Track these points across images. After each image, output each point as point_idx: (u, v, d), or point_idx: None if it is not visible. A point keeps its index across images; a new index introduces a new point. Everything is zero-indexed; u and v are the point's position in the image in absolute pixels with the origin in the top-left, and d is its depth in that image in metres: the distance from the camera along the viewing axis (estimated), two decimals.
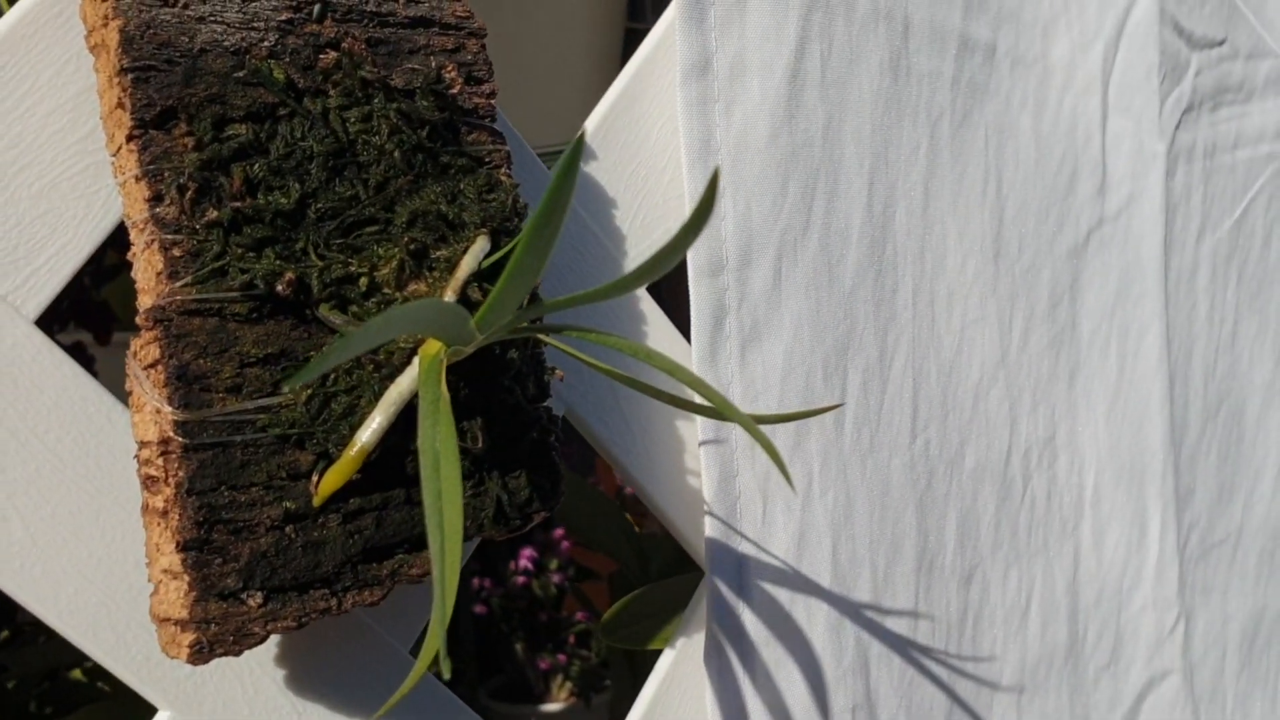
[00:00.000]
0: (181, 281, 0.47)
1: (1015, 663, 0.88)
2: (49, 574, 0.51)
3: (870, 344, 0.78)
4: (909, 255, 0.81)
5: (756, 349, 0.72)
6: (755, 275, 0.72)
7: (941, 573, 0.83)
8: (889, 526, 0.79)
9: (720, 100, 0.70)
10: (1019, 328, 0.88)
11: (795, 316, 0.74)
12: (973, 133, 0.85)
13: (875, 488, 0.78)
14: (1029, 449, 0.90)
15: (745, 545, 0.71)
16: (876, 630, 0.78)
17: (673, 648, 0.72)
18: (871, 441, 0.78)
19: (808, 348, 0.74)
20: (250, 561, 0.47)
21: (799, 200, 0.74)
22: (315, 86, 0.51)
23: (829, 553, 0.76)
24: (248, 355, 0.48)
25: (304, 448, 0.49)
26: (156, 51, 0.48)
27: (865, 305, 0.78)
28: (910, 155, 0.81)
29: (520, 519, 0.54)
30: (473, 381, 0.52)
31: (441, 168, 0.53)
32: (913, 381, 0.81)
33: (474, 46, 0.56)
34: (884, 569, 0.79)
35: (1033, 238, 0.89)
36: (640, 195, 0.70)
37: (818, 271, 0.75)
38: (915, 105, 0.81)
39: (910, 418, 0.81)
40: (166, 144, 0.48)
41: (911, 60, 0.81)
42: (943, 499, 0.83)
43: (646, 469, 0.70)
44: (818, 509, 0.75)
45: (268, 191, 0.49)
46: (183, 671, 0.54)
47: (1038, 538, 0.90)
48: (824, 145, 0.75)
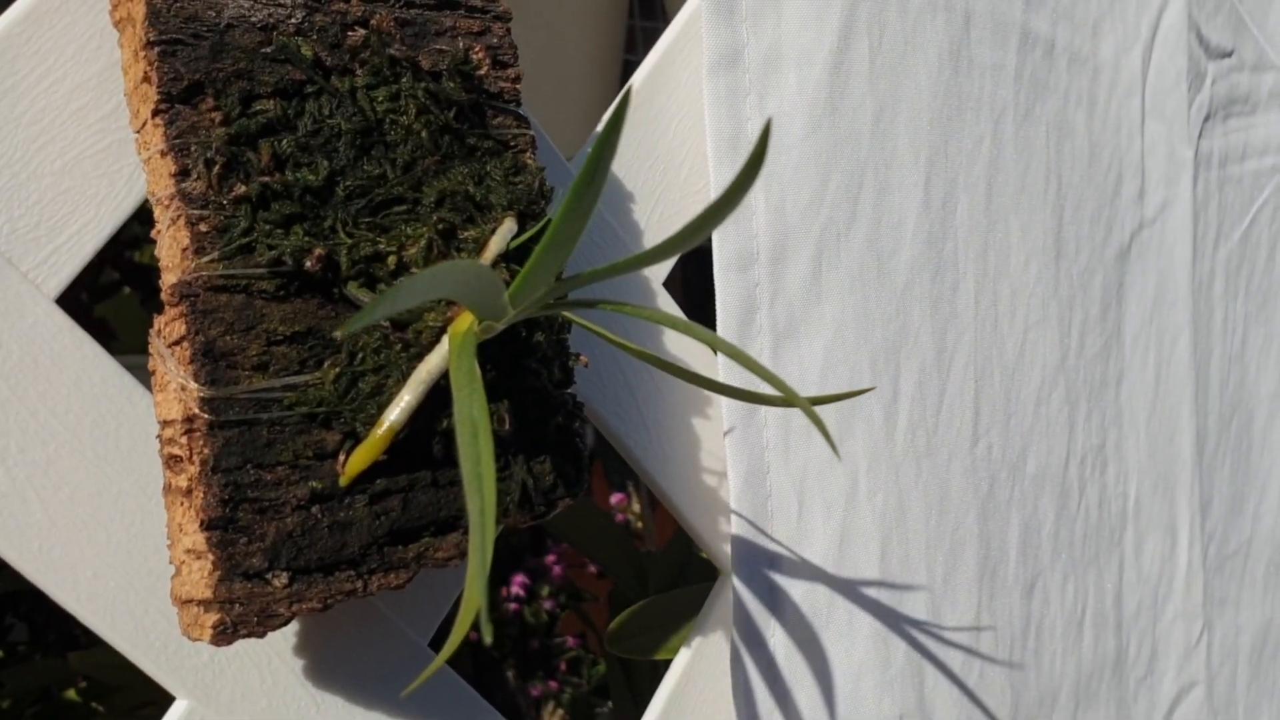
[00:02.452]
0: (208, 257, 0.47)
1: (1073, 675, 0.87)
2: (68, 557, 0.50)
3: (927, 343, 0.77)
4: (971, 252, 0.80)
5: (792, 345, 0.71)
6: (791, 270, 0.71)
7: (1004, 581, 0.82)
8: (948, 532, 0.78)
9: (752, 92, 0.69)
10: (1076, 331, 0.88)
11: (838, 312, 0.73)
12: (1035, 129, 0.84)
13: (932, 491, 0.77)
14: (1084, 456, 0.89)
15: (776, 546, 0.70)
16: (933, 637, 0.77)
17: (689, 647, 0.71)
18: (928, 443, 0.77)
19: (852, 345, 0.73)
20: (276, 541, 0.46)
21: (842, 194, 0.73)
22: (343, 65, 0.50)
23: (877, 556, 0.74)
24: (274, 333, 0.48)
25: (331, 427, 0.48)
26: (183, 26, 0.47)
27: (921, 303, 0.77)
28: (973, 149, 0.80)
29: (545, 505, 0.53)
30: (499, 364, 0.51)
31: (468, 149, 0.53)
32: (974, 383, 0.80)
33: (500, 30, 0.55)
34: (942, 575, 0.77)
35: (1087, 239, 0.89)
36: (658, 190, 0.70)
37: (865, 267, 0.74)
38: (978, 98, 0.80)
39: (972, 420, 0.80)
40: (193, 118, 0.47)
41: (974, 52, 0.80)
42: (1005, 505, 0.82)
43: (663, 467, 0.69)
44: (864, 511, 0.74)
45: (296, 168, 0.48)
46: (201, 659, 0.53)
47: (1090, 547, 0.90)
48: (873, 137, 0.75)
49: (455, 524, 0.51)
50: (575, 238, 0.40)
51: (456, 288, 0.41)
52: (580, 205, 0.37)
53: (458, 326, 0.46)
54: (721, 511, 0.72)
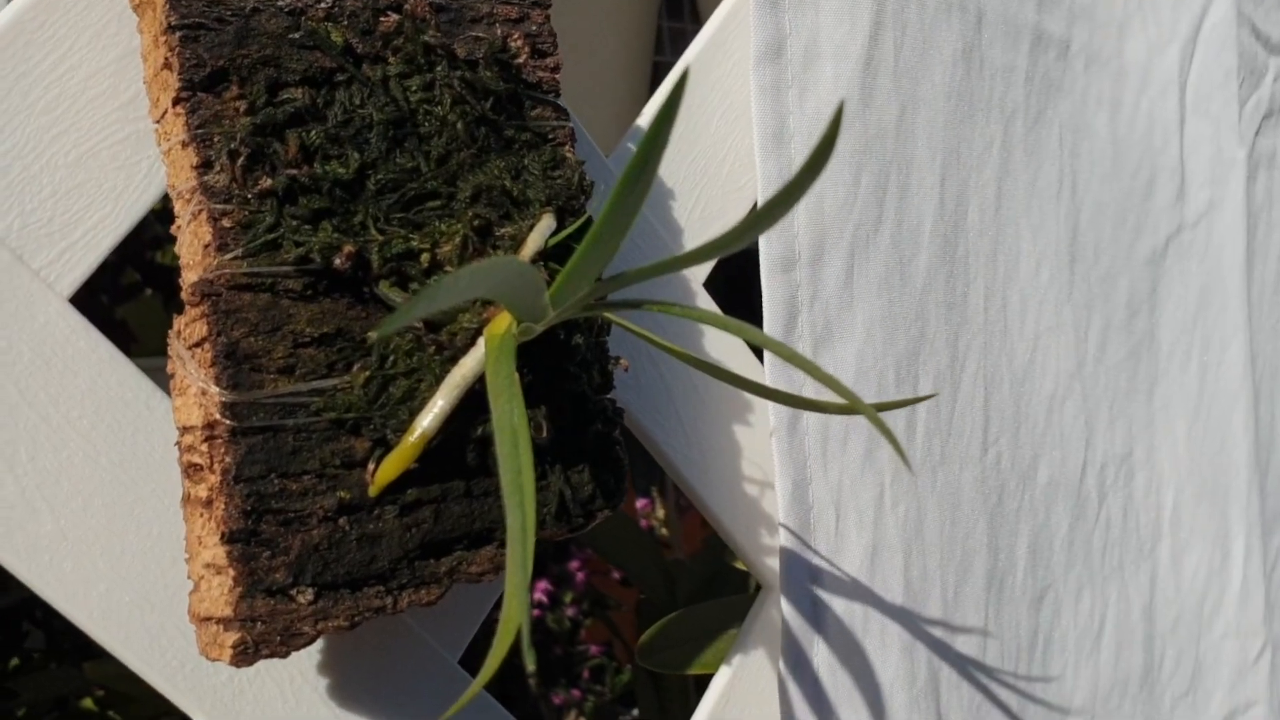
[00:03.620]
0: (231, 254, 0.44)
1: (1087, 688, 0.84)
2: (79, 570, 0.48)
3: (941, 349, 0.74)
4: (981, 257, 0.77)
5: (829, 350, 0.68)
6: (827, 272, 0.68)
7: (1012, 593, 0.79)
8: (959, 543, 0.75)
9: (794, 86, 0.67)
10: (1095, 337, 0.84)
11: (867, 317, 0.70)
12: (1047, 131, 0.81)
13: (946, 501, 0.74)
14: (1105, 465, 0.86)
15: (817, 559, 0.67)
16: (946, 652, 0.74)
17: (729, 665, 0.68)
18: (942, 453, 0.74)
19: (879, 350, 0.71)
20: (301, 555, 0.44)
21: (871, 194, 0.70)
22: (375, 52, 0.48)
23: (900, 569, 0.71)
24: (302, 334, 0.45)
25: (360, 434, 0.45)
26: (206, 9, 0.45)
27: (937, 308, 0.74)
28: (983, 152, 0.77)
29: (583, 516, 0.50)
30: (537, 368, 0.48)
31: (505, 142, 0.50)
32: (984, 390, 0.77)
33: (539, 17, 0.53)
34: (954, 587, 0.75)
35: (1109, 243, 0.85)
36: (699, 187, 0.67)
37: (889, 270, 0.71)
38: (988, 100, 0.77)
39: (982, 429, 0.77)
40: (217, 107, 0.44)
41: (985, 53, 0.77)
42: (1014, 515, 0.79)
43: (703, 476, 0.66)
44: (889, 522, 0.71)
45: (325, 160, 0.46)
46: (220, 679, 0.50)
47: (1113, 558, 0.86)
48: (896, 137, 0.72)
49: (490, 537, 0.48)
50: (620, 235, 0.37)
51: (496, 287, 0.38)
52: (626, 202, 0.35)
53: (495, 328, 0.44)
54: (764, 523, 0.69)
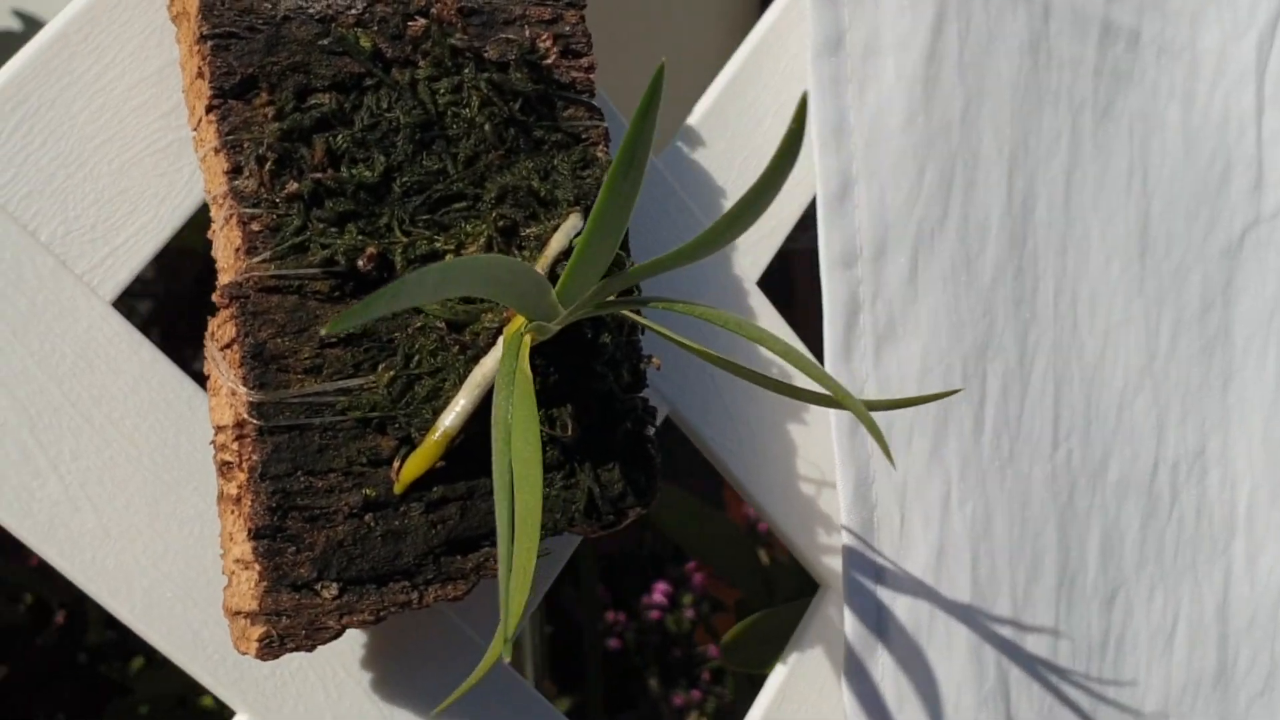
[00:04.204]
0: (260, 257, 0.45)
1: (1159, 689, 0.82)
2: (122, 566, 0.49)
3: (1010, 345, 0.73)
4: (1050, 251, 0.76)
5: (892, 347, 0.67)
6: (891, 268, 0.67)
7: (1083, 592, 0.77)
8: (1029, 542, 0.74)
9: (854, 80, 0.66)
10: (1167, 332, 0.82)
11: (933, 313, 0.69)
12: (1116, 123, 0.80)
13: (1015, 499, 0.73)
14: (1177, 462, 0.84)
15: (881, 560, 0.67)
16: (1016, 653, 0.73)
17: (784, 664, 0.68)
18: (1011, 450, 0.73)
19: (946, 346, 0.70)
20: (326, 551, 0.45)
21: (936, 188, 0.69)
22: (404, 56, 0.48)
23: (968, 568, 0.71)
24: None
25: (385, 432, 0.46)
26: (238, 18, 0.46)
27: (1005, 304, 0.73)
28: (1051, 145, 0.76)
29: (614, 514, 0.51)
30: (563, 367, 0.49)
31: (535, 142, 0.50)
32: (1054, 387, 0.76)
33: (572, 17, 0.53)
34: (1023, 587, 0.74)
35: (1182, 237, 0.83)
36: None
37: (956, 265, 0.71)
38: (1056, 92, 0.76)
39: (1052, 425, 0.76)
40: (246, 114, 0.46)
41: (1052, 44, 0.76)
42: (1085, 513, 0.77)
43: (755, 475, 0.66)
44: (956, 521, 0.70)
45: (351, 164, 0.47)
46: (262, 672, 0.52)
47: (1185, 557, 0.84)
48: (962, 130, 0.71)
49: None
50: (617, 233, 0.37)
51: (481, 284, 0.38)
52: (618, 199, 0.35)
53: (512, 326, 0.44)
54: (820, 522, 0.69)
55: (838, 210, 0.65)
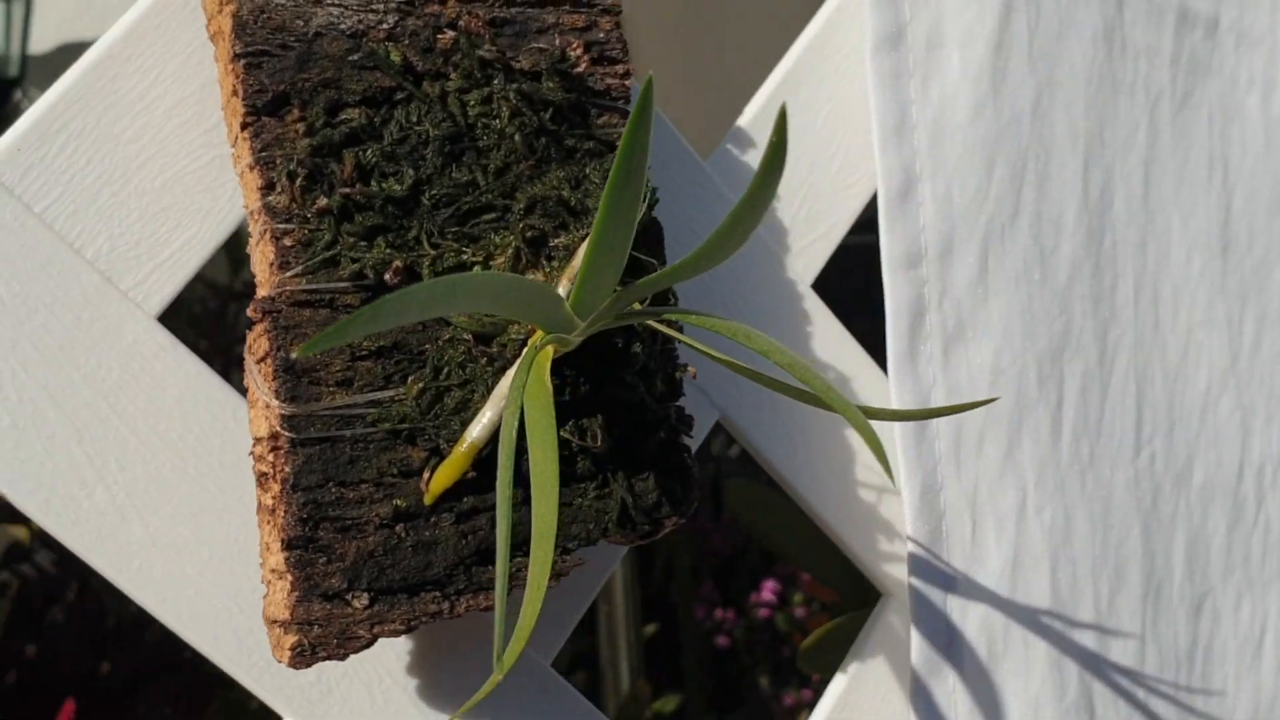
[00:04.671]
0: (292, 271, 0.46)
1: (1249, 700, 0.80)
2: (169, 575, 0.50)
3: (1089, 345, 0.72)
4: (1129, 247, 0.74)
5: (961, 348, 0.66)
6: (959, 267, 0.66)
7: (1169, 600, 0.75)
8: (1112, 549, 0.72)
9: (916, 74, 0.65)
10: (1250, 330, 0.80)
11: (1005, 312, 0.68)
12: (1195, 114, 0.78)
13: (1096, 505, 0.71)
14: (1263, 465, 0.81)
15: (951, 569, 0.65)
16: (1100, 665, 0.71)
17: (844, 673, 0.68)
18: (1091, 454, 0.72)
19: (1019, 347, 0.68)
20: (356, 561, 0.45)
21: (1007, 183, 0.68)
22: (435, 69, 0.49)
23: (1047, 577, 0.69)
24: (359, 348, 0.46)
25: (415, 444, 0.47)
26: (270, 36, 0.47)
27: (1083, 302, 0.71)
28: (1128, 137, 0.74)
29: (649, 524, 0.51)
30: (593, 377, 0.49)
31: (567, 151, 0.50)
32: (1136, 388, 0.74)
33: (607, 24, 0.53)
34: (1107, 596, 0.72)
35: (1264, 230, 0.81)
36: (805, 186, 0.66)
37: (1029, 263, 0.69)
38: (1132, 82, 0.74)
39: (1134, 428, 0.74)
40: (279, 130, 0.46)
41: (1126, 33, 0.74)
42: (1169, 519, 0.75)
43: (810, 481, 0.65)
44: (1034, 528, 0.68)
45: (381, 178, 0.47)
46: (307, 678, 0.53)
47: (1272, 563, 0.82)
48: (1033, 123, 0.69)
49: None
50: (621, 247, 0.37)
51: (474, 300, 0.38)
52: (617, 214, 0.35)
53: (532, 340, 0.44)
54: (880, 529, 0.68)
55: (900, 209, 0.64)
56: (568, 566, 0.49)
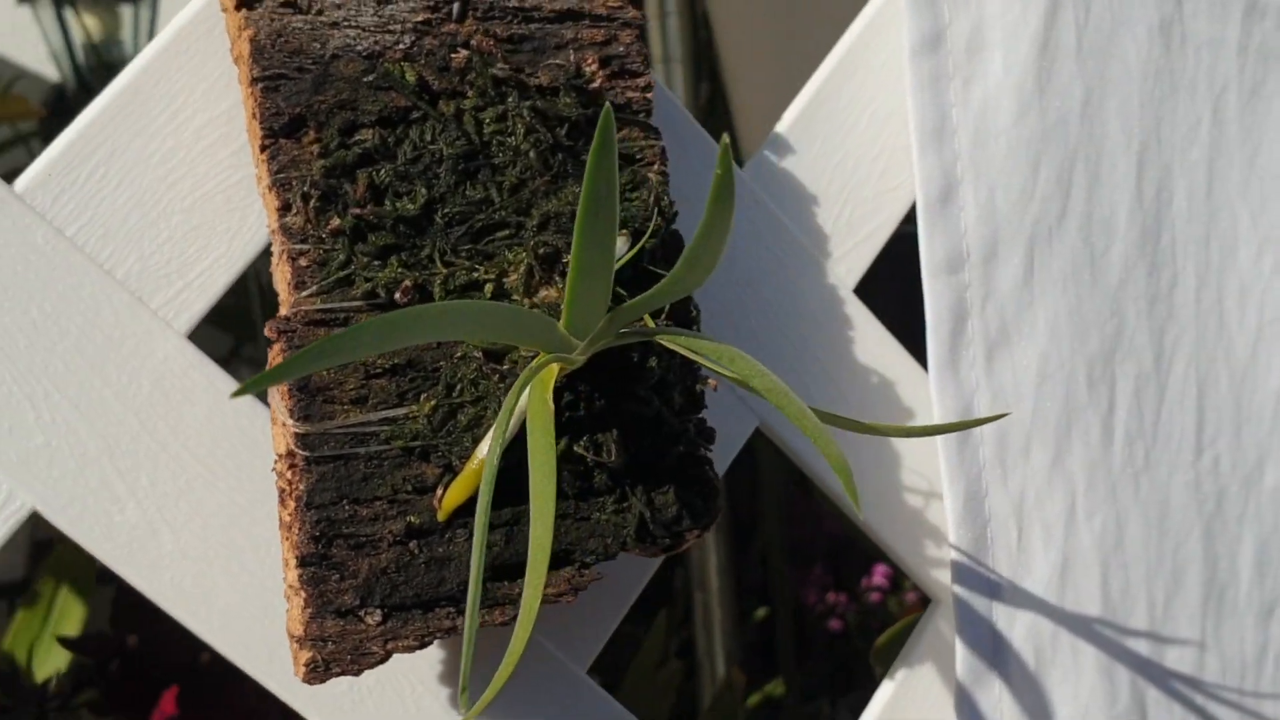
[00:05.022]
0: (307, 291, 0.46)
1: None
2: (200, 587, 0.51)
3: (1144, 347, 0.70)
4: (1190, 245, 0.72)
5: (1005, 353, 0.65)
6: (1003, 270, 0.65)
7: (1234, 606, 0.73)
8: (1169, 554, 0.70)
9: (956, 77, 0.64)
10: None
11: (1051, 316, 0.66)
12: (1265, 105, 0.75)
13: (1152, 510, 0.70)
14: None
15: (996, 576, 0.64)
16: (1154, 671, 0.70)
17: (892, 680, 0.67)
18: (1146, 457, 0.70)
19: (1067, 351, 0.67)
20: (369, 578, 0.46)
21: (1053, 185, 0.67)
22: (452, 88, 0.49)
23: (1098, 584, 0.68)
24: (373, 366, 0.47)
25: (429, 460, 0.47)
26: (287, 60, 0.47)
27: (1136, 302, 0.70)
28: (1189, 132, 0.72)
29: (669, 537, 0.51)
30: (608, 392, 0.49)
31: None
32: (1196, 389, 0.72)
33: (627, 37, 0.53)
34: (1163, 602, 0.70)
35: None
36: (846, 190, 0.65)
37: (1078, 265, 0.68)
38: (1193, 76, 0.72)
39: (1194, 430, 0.72)
40: (295, 152, 0.47)
41: (1186, 26, 0.72)
42: (1236, 522, 0.73)
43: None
44: (1084, 534, 0.67)
45: (395, 197, 0.48)
46: (339, 688, 0.53)
47: None
48: (1082, 123, 0.68)
49: (568, 559, 0.49)
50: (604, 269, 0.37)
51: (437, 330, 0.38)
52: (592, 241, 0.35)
53: (535, 361, 0.45)
54: (928, 535, 0.67)
55: (940, 213, 0.63)
56: (585, 581, 0.49)
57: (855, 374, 0.65)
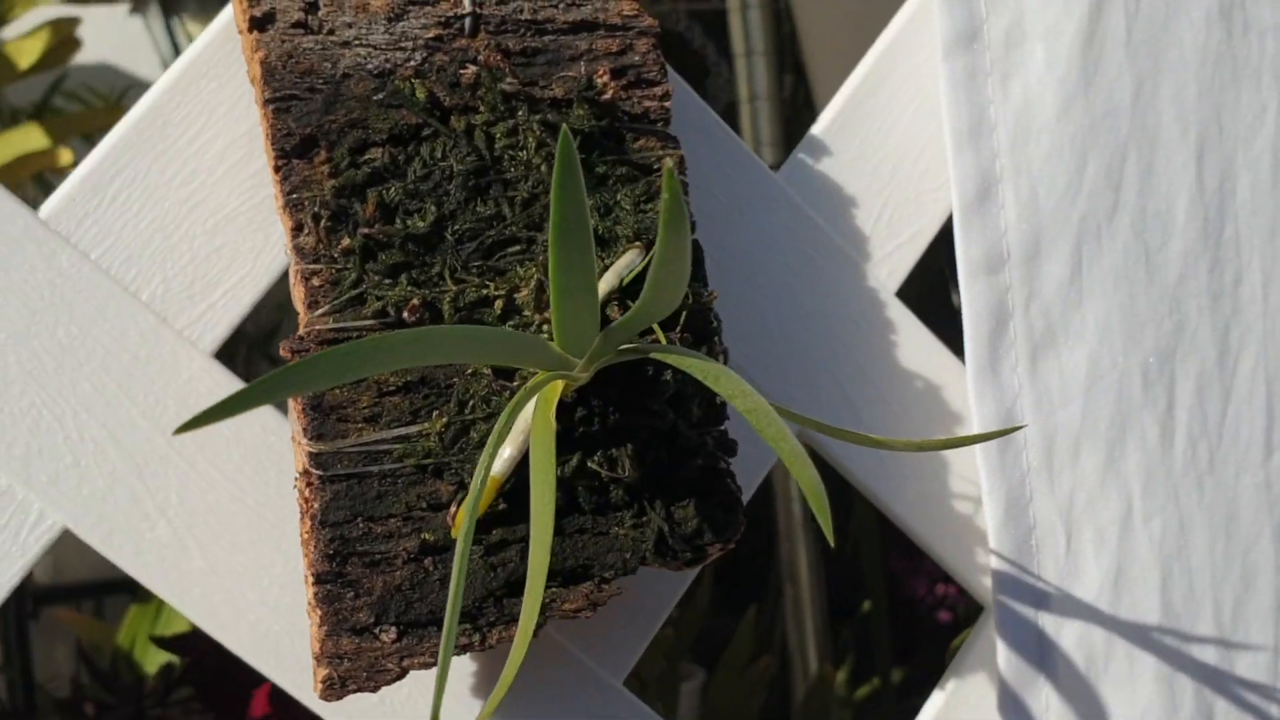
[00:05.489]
0: (320, 311, 0.47)
1: None
2: (230, 602, 0.52)
3: (1206, 344, 0.68)
4: (1256, 238, 0.70)
5: (1051, 355, 0.64)
6: (1048, 269, 0.63)
7: None
8: (1237, 558, 0.68)
9: (994, 72, 0.63)
10: None
11: (1102, 315, 0.65)
12: None
13: (1218, 513, 0.68)
14: None
15: (1042, 584, 0.63)
16: (1221, 680, 0.67)
17: (943, 690, 0.66)
18: (1211, 459, 0.68)
19: (1119, 351, 0.65)
20: (384, 595, 0.46)
21: (1102, 180, 0.65)
22: (463, 103, 0.49)
23: (1157, 589, 0.66)
24: (386, 384, 0.47)
25: (443, 478, 0.47)
26: (298, 81, 0.48)
27: (1198, 299, 0.68)
28: (1254, 121, 0.70)
29: (691, 551, 0.50)
30: (622, 407, 0.48)
31: (598, 179, 0.50)
32: (1265, 386, 0.70)
33: (643, 46, 0.52)
34: (1231, 607, 0.68)
35: None
36: (886, 190, 0.64)
37: (1131, 262, 0.66)
38: (1257, 62, 0.69)
39: (1264, 429, 0.70)
40: (306, 173, 0.47)
41: (1249, 11, 0.69)
42: None
43: (899, 493, 0.64)
44: (1141, 538, 0.65)
45: (406, 215, 0.48)
46: (370, 700, 0.54)
47: None
48: (1134, 115, 0.66)
49: (586, 574, 0.49)
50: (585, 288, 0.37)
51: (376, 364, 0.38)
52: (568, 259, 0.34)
53: (534, 379, 0.44)
54: (979, 541, 0.66)
55: (978, 213, 0.62)
56: (604, 596, 0.49)
57: (898, 379, 0.64)
